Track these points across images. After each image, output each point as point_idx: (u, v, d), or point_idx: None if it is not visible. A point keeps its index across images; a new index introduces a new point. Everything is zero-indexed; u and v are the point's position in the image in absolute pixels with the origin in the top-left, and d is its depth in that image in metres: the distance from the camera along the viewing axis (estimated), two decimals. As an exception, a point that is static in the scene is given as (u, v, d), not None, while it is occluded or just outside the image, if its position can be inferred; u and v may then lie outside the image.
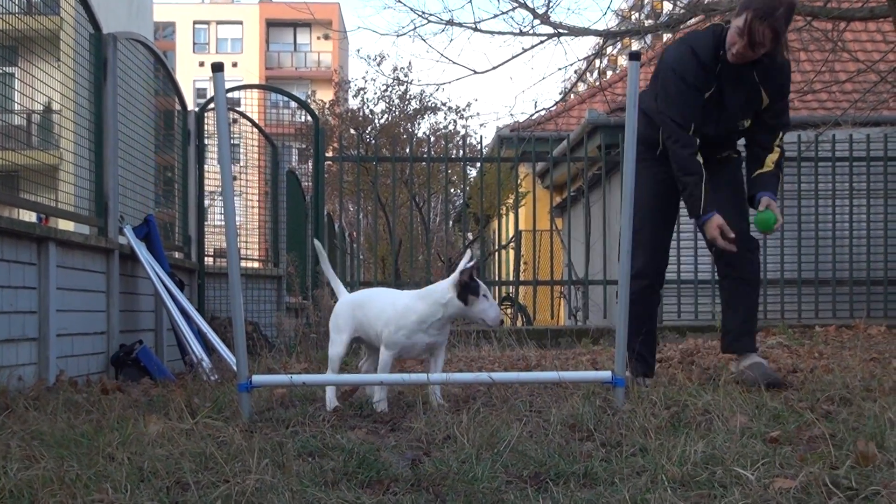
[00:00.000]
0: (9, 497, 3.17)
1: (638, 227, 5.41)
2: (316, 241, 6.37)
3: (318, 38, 64.28)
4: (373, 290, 5.80)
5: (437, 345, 5.30)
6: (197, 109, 10.91)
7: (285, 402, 5.42)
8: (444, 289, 5.18)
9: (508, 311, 16.95)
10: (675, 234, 12.46)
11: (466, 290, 5.10)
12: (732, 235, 5.68)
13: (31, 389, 5.99)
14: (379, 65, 31.58)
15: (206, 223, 11.19)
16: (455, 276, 5.14)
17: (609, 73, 25.80)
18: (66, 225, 8.14)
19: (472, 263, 5.14)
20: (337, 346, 5.42)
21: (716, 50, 5.73)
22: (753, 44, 5.55)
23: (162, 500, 3.16)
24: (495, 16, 13.95)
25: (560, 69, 17.30)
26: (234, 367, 5.70)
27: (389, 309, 5.26)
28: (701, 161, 5.74)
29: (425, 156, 14.32)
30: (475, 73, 13.60)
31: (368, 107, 26.51)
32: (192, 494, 3.24)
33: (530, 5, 12.91)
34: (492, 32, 13.29)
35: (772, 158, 5.90)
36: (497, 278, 15.07)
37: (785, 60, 5.87)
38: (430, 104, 27.08)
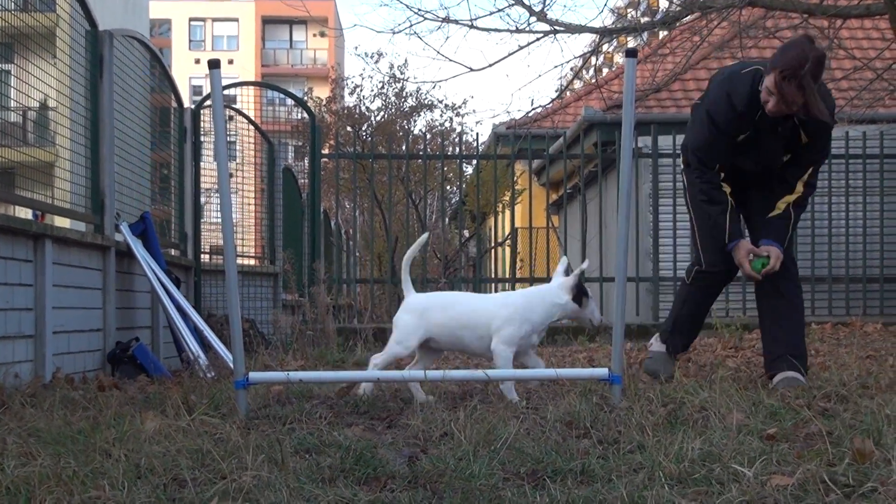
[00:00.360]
0: (5, 494, 3.17)
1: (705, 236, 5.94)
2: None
3: (314, 35, 64.28)
4: (449, 293, 6.30)
5: (535, 345, 5.64)
6: (193, 106, 10.90)
7: (282, 399, 5.42)
8: (557, 291, 5.54)
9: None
10: (672, 234, 12.48)
11: (581, 292, 5.49)
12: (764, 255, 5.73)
13: (28, 386, 5.99)
14: (376, 62, 31.60)
15: (202, 220, 11.19)
16: (572, 279, 5.52)
17: (605, 70, 25.83)
18: (62, 222, 8.12)
19: (585, 265, 5.63)
20: (400, 349, 5.54)
21: (752, 97, 5.66)
22: (787, 103, 5.46)
23: (159, 496, 3.15)
24: (491, 13, 14.09)
25: (556, 66, 17.40)
26: (231, 365, 5.70)
27: (503, 309, 5.48)
28: (728, 191, 5.83)
29: (421, 153, 14.32)
30: (471, 70, 13.62)
31: (365, 104, 26.52)
32: (189, 491, 3.23)
33: (526, 2, 12.92)
34: (488, 30, 13.32)
35: (787, 200, 5.86)
36: (493, 275, 15.07)
37: (830, 101, 5.80)
38: (426, 101, 27.09)
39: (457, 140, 19.71)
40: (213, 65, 4.88)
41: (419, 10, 12.53)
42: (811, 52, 5.44)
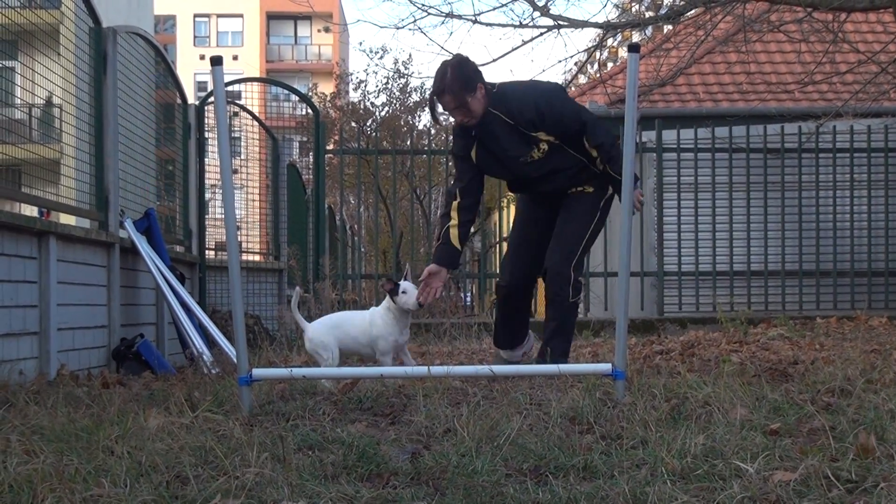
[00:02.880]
0: (8, 491, 3.17)
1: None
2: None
3: (319, 30, 64.16)
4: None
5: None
6: (197, 103, 10.90)
7: (285, 395, 5.42)
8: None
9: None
10: (676, 227, 12.47)
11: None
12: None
13: (32, 383, 5.99)
14: (381, 58, 31.59)
15: (206, 216, 11.20)
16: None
17: (609, 65, 25.78)
18: (66, 219, 8.13)
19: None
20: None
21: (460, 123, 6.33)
22: (450, 110, 6.21)
23: (161, 494, 3.16)
24: (495, 8, 13.91)
25: (560, 61, 17.36)
26: (235, 361, 5.70)
27: None
28: (450, 224, 6.31)
29: (426, 148, 14.31)
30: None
31: (369, 99, 26.51)
32: (192, 488, 3.24)
33: (530, -3, 12.87)
34: (491, 25, 13.28)
35: (598, 161, 6.24)
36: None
37: (529, 98, 6.21)
38: (430, 96, 27.06)
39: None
40: (216, 61, 4.87)
41: (423, 5, 12.52)
42: (448, 64, 6.14)
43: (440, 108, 6.30)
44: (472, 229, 7.47)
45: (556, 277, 6.30)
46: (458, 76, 6.08)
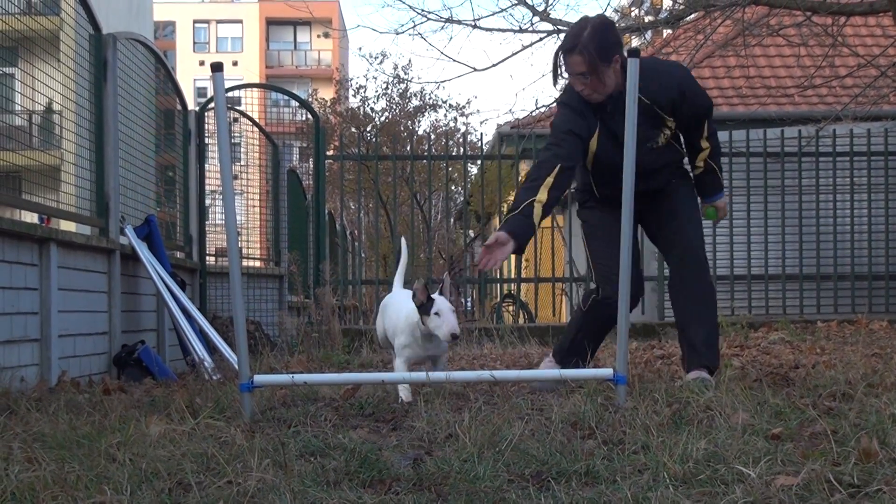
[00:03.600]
0: (10, 499, 3.17)
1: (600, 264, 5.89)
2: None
3: (318, 36, 64.30)
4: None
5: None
6: (197, 109, 10.91)
7: (287, 401, 5.42)
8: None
9: (510, 308, 16.94)
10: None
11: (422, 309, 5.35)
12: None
13: (34, 390, 6.00)
14: (380, 63, 31.61)
15: (207, 222, 11.19)
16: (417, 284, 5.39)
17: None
18: (67, 225, 8.14)
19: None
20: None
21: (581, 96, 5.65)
22: (574, 75, 5.51)
23: (163, 501, 3.16)
24: (494, 13, 13.93)
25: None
26: (236, 367, 5.70)
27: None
28: (535, 200, 5.56)
29: (426, 154, 14.32)
30: (475, 70, 13.60)
31: (369, 105, 26.53)
32: (194, 495, 3.24)
33: (530, 2, 12.90)
34: (491, 30, 13.30)
35: (701, 157, 5.88)
36: (499, 276, 15.07)
37: (671, 76, 5.73)
38: (430, 102, 27.10)
39: (461, 140, 19.67)
40: (216, 68, 4.87)
41: (422, 10, 12.56)
42: (589, 21, 5.48)
43: (564, 70, 5.58)
44: (473, 234, 7.33)
45: (702, 263, 5.88)
46: (598, 38, 5.43)
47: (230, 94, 12.67)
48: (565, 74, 5.62)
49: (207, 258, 11.11)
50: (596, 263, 5.99)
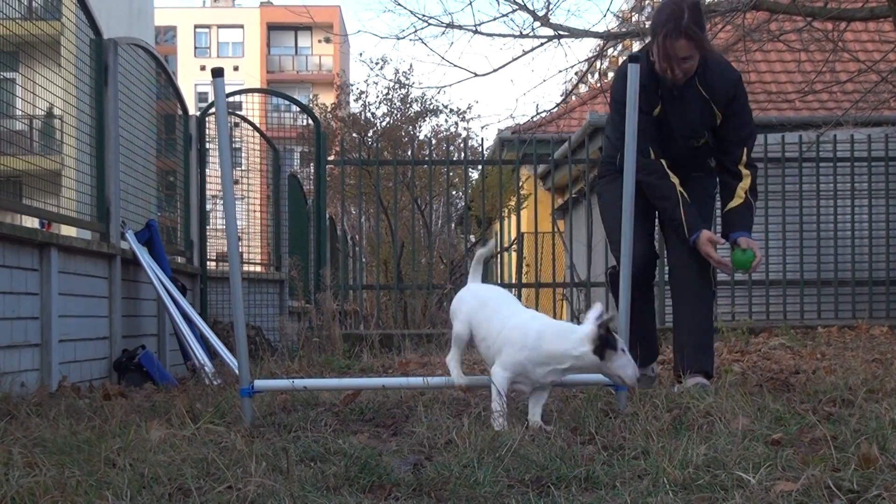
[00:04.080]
0: (10, 504, 3.18)
1: (615, 237, 5.48)
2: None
3: (319, 41, 64.34)
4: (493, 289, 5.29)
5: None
6: (198, 114, 10.92)
7: (287, 406, 5.42)
8: (579, 339, 4.51)
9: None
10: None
11: (605, 344, 4.48)
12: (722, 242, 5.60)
13: (34, 395, 5.99)
14: (381, 68, 31.59)
15: (208, 227, 11.21)
16: (594, 328, 4.48)
17: (610, 74, 25.80)
18: (68, 230, 8.14)
19: (604, 315, 4.55)
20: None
21: (649, 70, 5.56)
22: (677, 60, 5.46)
23: (163, 506, 3.16)
24: (495, 18, 13.92)
25: (561, 71, 17.28)
26: (237, 372, 5.70)
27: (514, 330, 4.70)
28: (675, 183, 5.66)
29: (427, 158, 14.33)
30: (476, 75, 13.62)
31: (370, 110, 26.54)
32: (194, 500, 3.24)
33: (530, 7, 12.92)
34: (492, 35, 13.32)
35: (742, 187, 5.77)
36: (499, 281, 15.07)
37: (732, 72, 5.80)
38: (431, 107, 27.10)
39: (462, 145, 19.69)
40: (217, 73, 4.88)
41: (423, 15, 12.55)
42: (684, 3, 5.41)
43: (661, 56, 5.49)
44: (473, 238, 7.34)
45: (698, 259, 5.72)
46: (698, 20, 5.43)
47: (231, 98, 12.68)
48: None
49: (208, 263, 11.12)
50: (612, 238, 5.85)
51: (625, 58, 5.71)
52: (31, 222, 8.03)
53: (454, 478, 3.42)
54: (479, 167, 16.57)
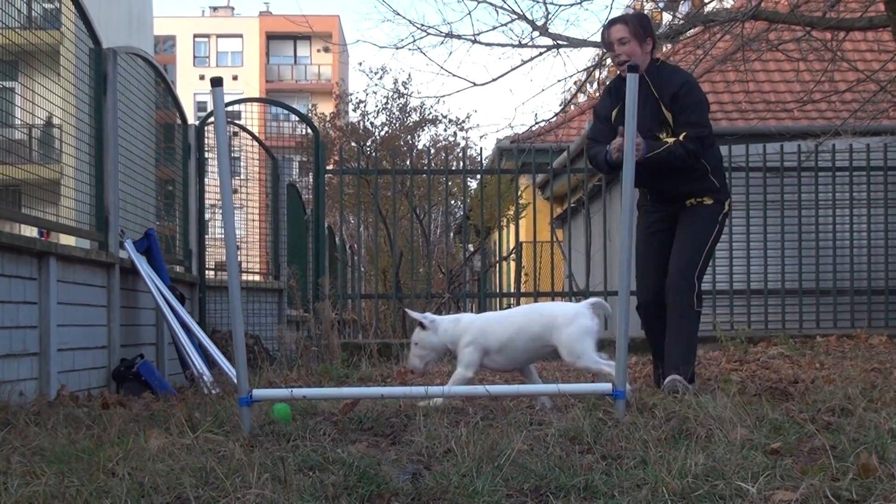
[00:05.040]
0: (9, 513, 3.17)
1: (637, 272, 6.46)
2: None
3: (318, 50, 64.33)
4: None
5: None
6: (197, 123, 10.92)
7: (286, 415, 5.40)
8: None
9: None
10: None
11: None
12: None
13: (33, 404, 5.99)
14: (380, 78, 31.56)
15: (206, 236, 11.20)
16: None
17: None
18: (67, 239, 8.14)
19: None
20: None
21: (618, 79, 6.54)
22: (616, 42, 6.27)
23: (162, 515, 3.16)
24: (494, 28, 13.93)
25: (560, 81, 17.33)
26: (235, 381, 5.70)
27: None
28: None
29: (426, 168, 14.33)
30: (475, 85, 13.61)
31: (369, 119, 26.52)
32: (193, 510, 3.23)
33: (529, 17, 12.91)
34: (491, 44, 13.29)
35: (676, 140, 6.28)
36: (498, 290, 15.07)
37: (682, 76, 6.51)
38: (430, 116, 27.09)
39: (461, 154, 19.68)
40: (216, 83, 4.88)
41: (422, 25, 12.56)
42: (633, 8, 6.40)
43: (607, 39, 6.40)
44: (472, 248, 7.62)
45: (680, 285, 6.40)
46: (640, 17, 6.53)
47: (230, 108, 12.70)
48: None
49: (207, 272, 11.12)
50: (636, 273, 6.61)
51: (626, 67, 5.94)
52: (30, 231, 8.03)
53: (453, 487, 3.42)
54: (478, 176, 16.61)
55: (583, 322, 5.74)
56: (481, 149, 19.30)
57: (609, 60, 18.39)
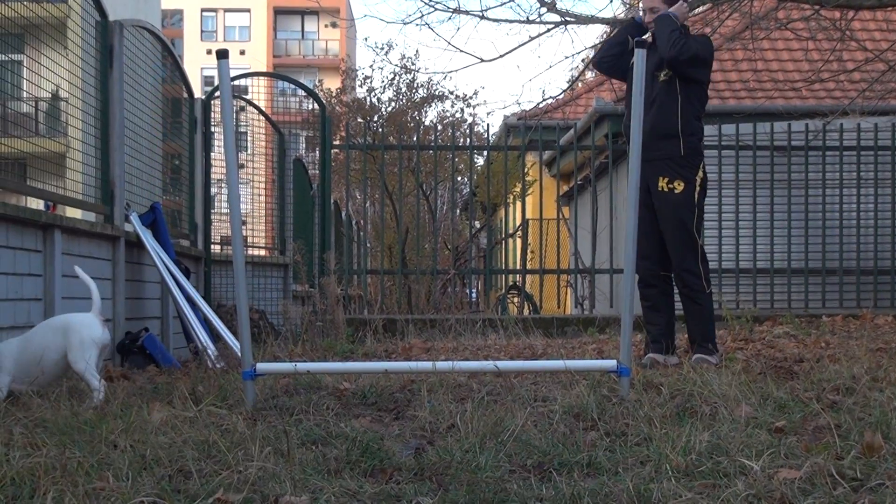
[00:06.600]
0: (10, 484, 3.17)
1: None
2: None
3: (326, 25, 64.21)
4: None
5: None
6: (204, 97, 10.89)
7: (290, 389, 5.41)
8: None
9: (515, 299, 16.94)
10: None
11: None
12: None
13: (36, 377, 5.99)
14: (386, 54, 31.52)
15: (212, 211, 11.19)
16: None
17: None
18: (72, 212, 8.13)
19: None
20: None
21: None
22: (648, 10, 7.06)
23: (164, 487, 3.15)
24: (502, 4, 13.91)
25: (567, 57, 17.21)
26: (240, 355, 5.69)
27: None
28: None
29: (432, 144, 14.30)
30: (482, 61, 13.55)
31: (376, 95, 26.47)
32: (195, 482, 3.23)
33: (537, -7, 12.85)
34: (498, 20, 13.23)
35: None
36: (504, 266, 15.06)
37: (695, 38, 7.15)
38: (437, 92, 27.03)
39: (468, 131, 19.65)
40: (221, 55, 4.86)
41: (430, 0, 12.51)
42: None
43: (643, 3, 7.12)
44: (478, 224, 7.77)
45: (687, 277, 6.82)
46: None
47: (237, 82, 12.68)
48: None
49: (212, 246, 11.10)
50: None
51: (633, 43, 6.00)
52: (36, 204, 8.02)
53: (456, 462, 3.42)
54: (485, 153, 16.56)
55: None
56: (488, 125, 19.28)
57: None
